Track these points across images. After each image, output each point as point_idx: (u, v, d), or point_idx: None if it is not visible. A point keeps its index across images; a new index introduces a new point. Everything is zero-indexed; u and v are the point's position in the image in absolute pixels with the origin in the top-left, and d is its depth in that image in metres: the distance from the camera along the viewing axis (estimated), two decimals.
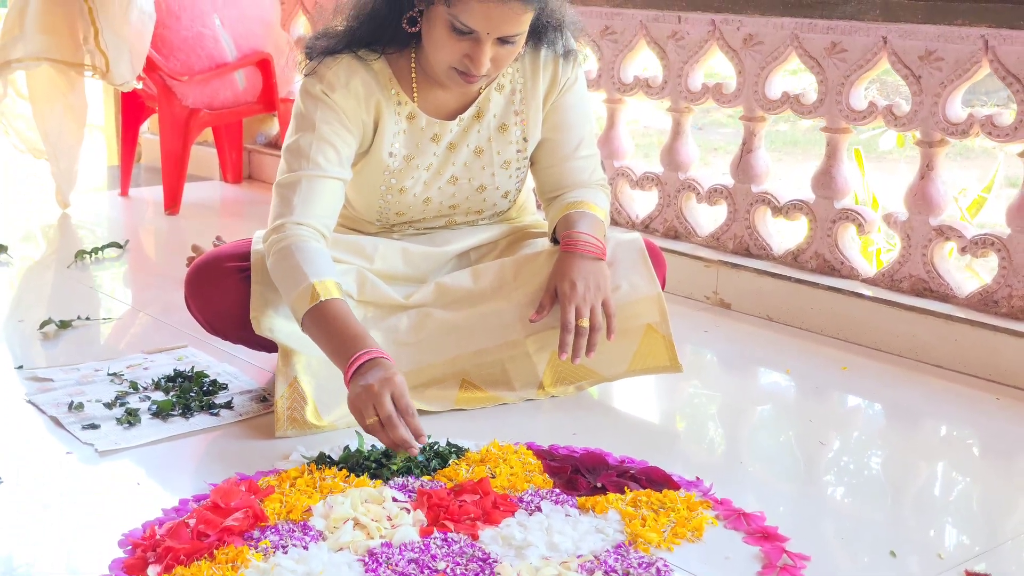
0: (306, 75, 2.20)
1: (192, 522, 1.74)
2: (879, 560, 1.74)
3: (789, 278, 2.87)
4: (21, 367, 2.48)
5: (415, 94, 2.23)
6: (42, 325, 2.71)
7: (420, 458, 1.99)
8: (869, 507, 1.96)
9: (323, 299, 2.00)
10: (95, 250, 3.37)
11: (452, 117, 2.26)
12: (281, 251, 2.08)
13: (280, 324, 2.19)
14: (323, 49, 2.19)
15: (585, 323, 2.17)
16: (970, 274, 3.33)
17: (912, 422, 2.36)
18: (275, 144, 4.47)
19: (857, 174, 4.25)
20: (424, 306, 2.30)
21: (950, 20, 2.54)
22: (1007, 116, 2.54)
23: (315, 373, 2.18)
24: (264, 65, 4.03)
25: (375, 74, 2.20)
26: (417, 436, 1.91)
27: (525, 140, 2.31)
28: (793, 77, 6.18)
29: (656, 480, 1.95)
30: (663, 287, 2.32)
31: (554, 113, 2.31)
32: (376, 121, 2.22)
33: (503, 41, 2.06)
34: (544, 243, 2.38)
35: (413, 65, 2.22)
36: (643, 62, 3.33)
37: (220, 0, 3.91)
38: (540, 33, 2.23)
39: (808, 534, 1.80)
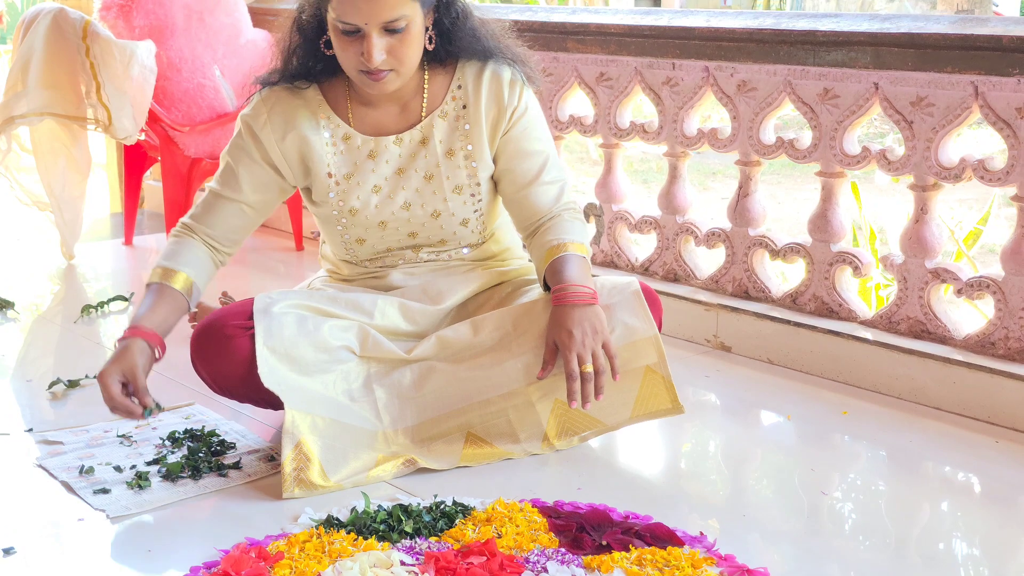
0: (244, 113, 2.37)
1: None
2: None
3: (788, 322, 2.90)
4: (31, 430, 2.51)
5: (350, 116, 2.34)
6: (51, 385, 2.75)
7: (427, 518, 2.03)
8: (872, 559, 1.98)
9: (155, 281, 2.29)
10: (100, 304, 3.41)
11: (388, 135, 2.35)
12: (168, 240, 2.39)
13: (288, 379, 2.23)
14: (263, 83, 2.36)
15: (589, 368, 2.20)
16: (970, 308, 3.36)
17: (913, 469, 2.38)
18: None
19: (854, 206, 4.30)
20: (427, 359, 2.34)
21: (940, 67, 2.58)
22: (999, 160, 2.57)
23: (321, 433, 2.21)
24: None
25: (306, 102, 2.34)
26: (142, 402, 2.18)
27: (474, 165, 2.35)
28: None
29: (660, 536, 1.98)
30: (660, 328, 2.34)
31: (509, 144, 2.36)
32: (301, 150, 2.33)
33: (389, 31, 2.15)
34: (539, 291, 2.41)
35: (348, 88, 2.34)
36: (639, 107, 3.37)
37: (220, 51, 3.96)
38: (458, 45, 2.30)
39: None
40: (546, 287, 2.34)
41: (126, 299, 3.49)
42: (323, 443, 2.21)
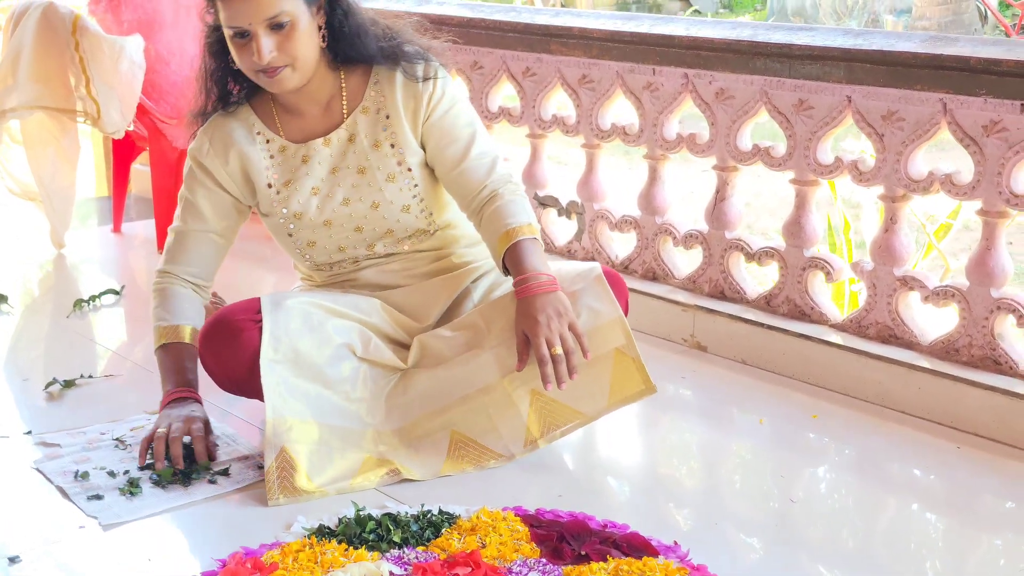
0: (191, 147, 2.53)
1: None
2: None
3: (762, 324, 3.00)
4: (30, 432, 2.59)
5: (279, 127, 2.49)
6: (47, 386, 2.82)
7: (414, 528, 2.13)
8: (839, 566, 2.10)
9: (165, 343, 2.47)
10: (92, 298, 3.48)
11: (316, 139, 2.47)
12: (155, 294, 2.54)
13: (286, 380, 2.33)
14: (198, 116, 2.52)
15: (558, 350, 2.28)
16: (944, 310, 3.43)
17: (879, 474, 2.49)
18: None
19: (829, 196, 4.39)
20: (413, 366, 2.45)
21: (910, 84, 2.67)
22: (966, 175, 2.67)
23: (306, 438, 2.30)
24: None
25: (240, 121, 2.50)
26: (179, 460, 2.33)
27: (401, 152, 2.46)
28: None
29: (636, 546, 2.08)
30: (626, 311, 2.43)
31: (433, 129, 2.47)
32: (243, 167, 2.48)
33: (274, 27, 2.29)
34: (507, 287, 2.48)
35: (273, 100, 2.49)
36: (619, 110, 3.44)
37: None
38: (355, 44, 2.41)
39: None
40: (505, 270, 2.42)
41: (117, 292, 3.56)
42: (309, 448, 2.30)
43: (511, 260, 2.38)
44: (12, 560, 2.06)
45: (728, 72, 3.01)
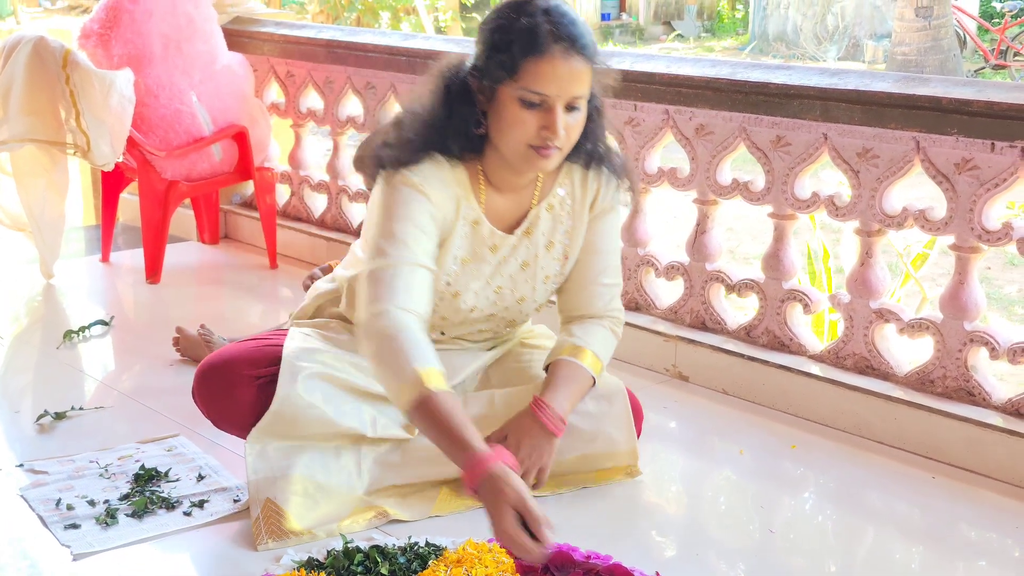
0: (390, 173, 2.28)
1: None
2: None
3: (742, 355, 3.06)
4: (21, 465, 2.62)
5: (483, 200, 2.36)
6: (38, 418, 2.86)
7: (401, 560, 2.17)
8: None
9: (429, 390, 2.04)
10: (81, 329, 3.52)
11: (510, 229, 2.41)
12: (384, 336, 2.11)
13: (276, 434, 2.34)
14: (396, 158, 2.28)
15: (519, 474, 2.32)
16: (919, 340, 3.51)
17: (856, 504, 2.55)
18: (250, 204, 4.61)
19: (809, 224, 4.46)
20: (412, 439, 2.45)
21: (884, 123, 2.74)
22: (939, 211, 2.74)
23: (291, 490, 2.31)
24: (240, 137, 4.18)
25: (455, 176, 2.31)
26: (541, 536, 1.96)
27: (566, 258, 2.47)
28: None
29: None
30: (639, 431, 2.56)
31: (587, 233, 2.47)
32: (452, 220, 2.33)
33: (570, 108, 2.17)
34: (532, 365, 2.55)
35: (481, 172, 2.34)
36: None
37: (196, 78, 4.07)
38: (580, 147, 2.31)
39: None
40: (545, 368, 2.46)
41: (106, 323, 3.61)
42: (295, 497, 2.31)
43: (552, 373, 2.41)
44: None
45: (708, 108, 3.08)
